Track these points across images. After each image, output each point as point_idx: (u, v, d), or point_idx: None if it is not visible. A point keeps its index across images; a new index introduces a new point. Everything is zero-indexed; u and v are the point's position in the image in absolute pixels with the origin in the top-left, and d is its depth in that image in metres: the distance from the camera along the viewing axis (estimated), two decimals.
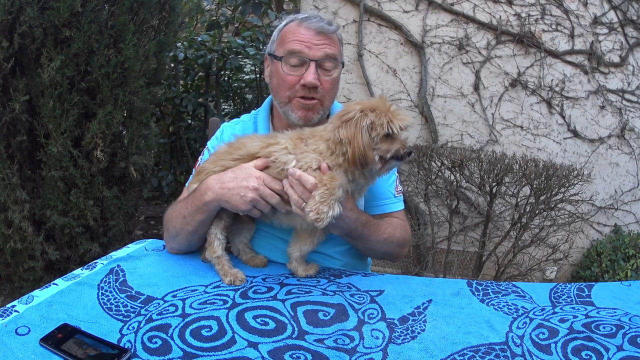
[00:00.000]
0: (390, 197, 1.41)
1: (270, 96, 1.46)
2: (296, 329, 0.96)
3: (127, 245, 1.38)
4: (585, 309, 1.07)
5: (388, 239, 1.32)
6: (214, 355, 0.86)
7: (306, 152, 1.13)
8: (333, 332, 0.95)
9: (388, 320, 1.01)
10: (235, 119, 1.54)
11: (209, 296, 1.08)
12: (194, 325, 0.95)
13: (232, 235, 1.31)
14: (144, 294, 1.08)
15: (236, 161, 1.20)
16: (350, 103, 1.17)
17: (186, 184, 1.40)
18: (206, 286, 1.13)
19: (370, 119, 1.09)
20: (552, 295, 1.14)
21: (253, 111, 1.52)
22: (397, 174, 1.48)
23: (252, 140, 1.23)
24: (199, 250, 1.34)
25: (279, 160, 1.15)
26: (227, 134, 1.48)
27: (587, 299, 1.12)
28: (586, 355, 0.89)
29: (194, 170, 1.45)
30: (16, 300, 1.01)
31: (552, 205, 2.51)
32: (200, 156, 1.48)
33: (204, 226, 1.23)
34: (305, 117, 1.32)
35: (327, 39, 1.31)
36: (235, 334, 0.93)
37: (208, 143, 1.51)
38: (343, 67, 1.40)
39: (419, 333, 0.96)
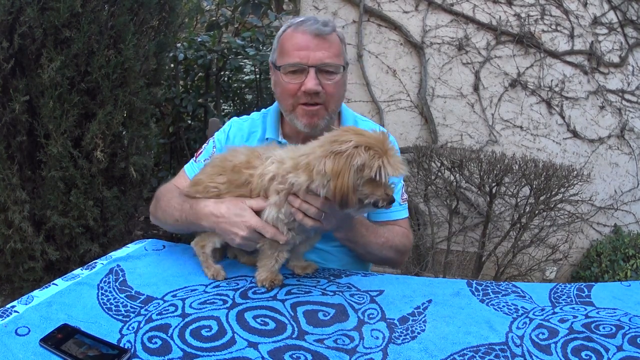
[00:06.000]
0: (395, 204, 1.41)
1: None
2: (296, 329, 0.96)
3: (127, 245, 1.38)
4: (585, 309, 1.07)
5: (386, 243, 1.33)
6: (213, 355, 0.86)
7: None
8: (333, 332, 0.95)
9: (388, 320, 1.01)
10: (245, 116, 1.53)
11: (208, 296, 1.08)
12: (194, 325, 0.95)
13: None
14: (143, 294, 1.08)
15: (225, 184, 1.18)
16: (345, 129, 1.05)
17: (184, 168, 1.45)
18: (206, 286, 1.13)
19: (363, 160, 0.96)
20: (552, 295, 1.14)
21: (264, 110, 1.52)
22: (403, 182, 1.47)
23: (238, 154, 1.20)
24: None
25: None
26: (234, 129, 1.49)
27: (587, 299, 1.12)
28: (586, 355, 0.89)
29: (193, 160, 1.46)
30: (16, 301, 1.01)
31: (552, 206, 2.51)
32: (205, 145, 1.48)
33: (196, 233, 1.27)
34: (310, 123, 1.32)
35: (324, 42, 1.29)
36: (235, 334, 0.93)
37: (215, 134, 1.50)
38: (347, 67, 1.38)
39: (419, 333, 0.96)
